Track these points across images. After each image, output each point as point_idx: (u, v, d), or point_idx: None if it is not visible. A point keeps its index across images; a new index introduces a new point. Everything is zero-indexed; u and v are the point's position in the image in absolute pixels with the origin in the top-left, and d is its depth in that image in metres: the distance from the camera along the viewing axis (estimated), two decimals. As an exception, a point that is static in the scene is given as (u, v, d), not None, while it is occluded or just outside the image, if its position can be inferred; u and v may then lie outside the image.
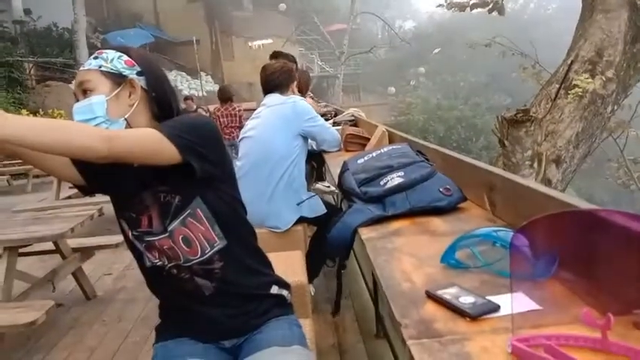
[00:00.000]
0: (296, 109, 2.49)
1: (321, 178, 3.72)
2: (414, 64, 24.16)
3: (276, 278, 1.35)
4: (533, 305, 0.85)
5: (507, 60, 7.16)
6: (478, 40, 7.69)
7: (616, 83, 4.09)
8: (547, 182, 3.76)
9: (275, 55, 3.31)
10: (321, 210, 2.52)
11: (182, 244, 1.18)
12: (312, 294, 2.72)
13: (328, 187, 3.51)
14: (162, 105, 1.20)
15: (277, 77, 2.64)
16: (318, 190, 3.42)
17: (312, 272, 2.58)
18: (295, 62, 3.27)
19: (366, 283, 2.94)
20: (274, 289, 1.31)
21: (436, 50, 23.91)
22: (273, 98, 2.58)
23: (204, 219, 1.18)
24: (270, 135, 2.45)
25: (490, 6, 6.12)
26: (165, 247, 1.18)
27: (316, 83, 19.97)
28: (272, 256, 1.44)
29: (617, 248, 0.82)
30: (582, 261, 0.90)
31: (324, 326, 2.61)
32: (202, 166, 1.11)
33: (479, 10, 6.30)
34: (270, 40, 21.05)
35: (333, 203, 3.47)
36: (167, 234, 1.17)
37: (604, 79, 3.93)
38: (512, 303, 0.80)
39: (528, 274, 0.94)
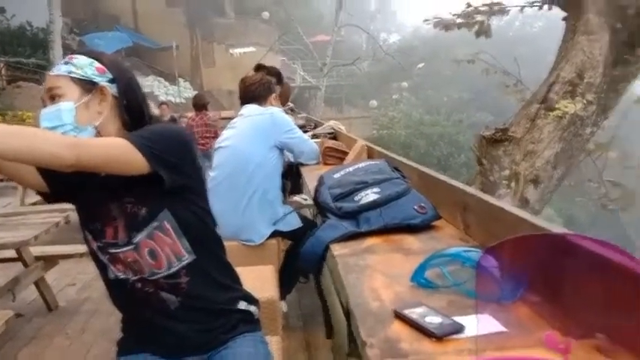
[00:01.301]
0: (274, 120, 2.48)
1: (298, 190, 3.70)
2: (397, 78, 24.35)
3: (244, 293, 1.33)
4: (498, 327, 0.85)
5: (491, 77, 7.25)
6: (462, 56, 7.78)
7: (596, 105, 4.16)
8: (525, 202, 3.80)
9: (258, 67, 3.30)
10: (297, 224, 2.50)
11: (148, 257, 1.15)
12: (285, 310, 2.68)
13: (306, 199, 3.49)
14: (133, 113, 1.17)
15: (256, 89, 2.63)
16: (296, 203, 3.40)
17: (285, 288, 2.54)
18: (279, 76, 3.26)
19: (340, 300, 2.91)
20: (242, 305, 1.29)
21: (420, 65, 24.17)
22: (251, 109, 2.57)
23: (172, 232, 1.16)
24: (246, 145, 2.43)
25: (476, 27, 6.20)
26: (129, 260, 1.15)
27: (298, 94, 19.99)
28: (243, 271, 1.42)
29: (583, 273, 0.83)
30: (549, 284, 0.90)
31: (294, 344, 2.56)
32: (172, 176, 1.09)
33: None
34: (252, 49, 21.02)
35: (310, 217, 3.46)
36: (132, 246, 1.15)
37: (585, 101, 3.99)
38: (478, 324, 0.80)
39: (496, 296, 0.94)
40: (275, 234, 2.47)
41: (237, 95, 2.73)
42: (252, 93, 2.64)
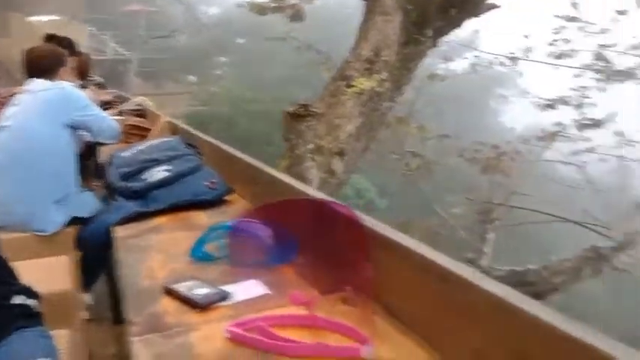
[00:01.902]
0: (65, 95, 2.25)
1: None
2: (219, 53, 23.91)
3: (20, 287, 1.22)
4: (264, 290, 0.92)
5: (309, 55, 7.53)
6: (282, 33, 7.93)
7: (390, 82, 4.60)
8: (331, 173, 4.08)
9: (49, 37, 2.98)
10: (97, 208, 2.34)
11: None
12: (90, 302, 2.51)
13: None
14: None
15: (44, 61, 2.37)
16: (99, 186, 3.18)
17: (89, 278, 2.37)
18: (72, 47, 2.99)
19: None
20: (17, 299, 1.18)
21: (241, 40, 24.05)
22: (38, 83, 2.30)
23: None
24: (32, 125, 2.17)
25: (290, 12, 6.36)
26: None
27: (110, 67, 18.52)
28: (31, 264, 1.31)
29: (332, 234, 0.93)
30: (309, 246, 1.01)
31: (103, 336, 2.42)
32: None
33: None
34: (55, 17, 18.81)
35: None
36: None
37: (380, 78, 4.38)
38: (238, 290, 0.86)
39: (267, 260, 1.02)
40: (74, 221, 2.29)
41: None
42: (39, 66, 2.37)
